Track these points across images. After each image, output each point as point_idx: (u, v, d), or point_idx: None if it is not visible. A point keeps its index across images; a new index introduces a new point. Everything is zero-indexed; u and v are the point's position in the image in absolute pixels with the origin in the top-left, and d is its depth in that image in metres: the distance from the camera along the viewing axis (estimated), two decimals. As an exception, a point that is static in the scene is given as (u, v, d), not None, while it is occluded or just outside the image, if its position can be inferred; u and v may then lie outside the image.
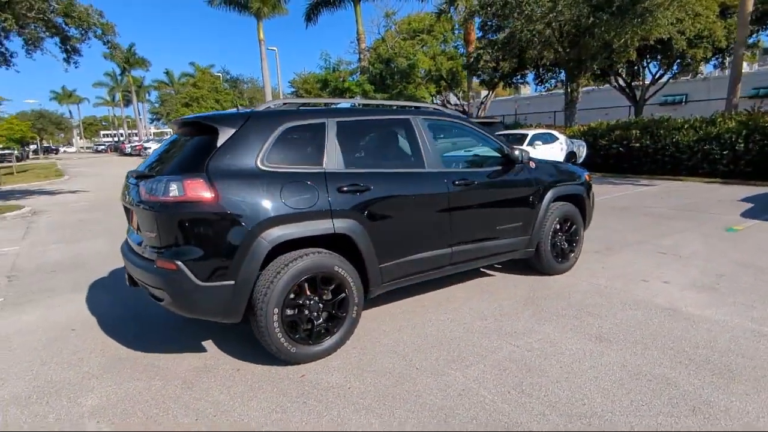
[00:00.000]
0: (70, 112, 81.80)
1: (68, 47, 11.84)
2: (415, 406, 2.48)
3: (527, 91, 41.29)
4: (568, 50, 15.51)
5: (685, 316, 3.48)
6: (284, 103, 3.29)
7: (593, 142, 14.03)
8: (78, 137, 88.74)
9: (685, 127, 12.12)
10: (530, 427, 2.27)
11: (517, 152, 4.02)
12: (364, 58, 25.49)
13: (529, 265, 4.61)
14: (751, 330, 3.20)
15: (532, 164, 4.27)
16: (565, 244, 4.59)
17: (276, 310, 2.79)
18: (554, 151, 12.64)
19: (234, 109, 3.26)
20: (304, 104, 3.38)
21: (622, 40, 13.84)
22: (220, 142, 2.80)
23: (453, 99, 29.16)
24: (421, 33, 25.02)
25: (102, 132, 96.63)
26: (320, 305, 3.03)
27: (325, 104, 3.61)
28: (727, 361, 2.81)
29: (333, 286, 3.05)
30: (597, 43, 13.85)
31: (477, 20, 17.75)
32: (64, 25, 11.14)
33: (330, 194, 2.99)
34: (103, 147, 67.27)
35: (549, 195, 4.31)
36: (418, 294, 4.14)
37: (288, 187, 2.87)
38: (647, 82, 22.52)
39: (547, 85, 24.20)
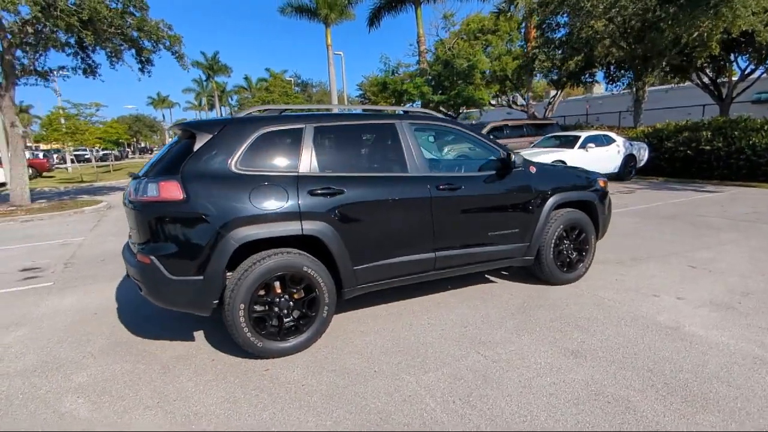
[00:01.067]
0: (163, 115, 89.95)
1: (142, 58, 13.03)
2: (356, 408, 2.52)
3: (600, 90, 39.00)
4: (633, 46, 14.49)
5: (684, 335, 3.19)
6: (265, 110, 3.46)
7: (658, 144, 13.00)
8: (170, 138, 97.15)
9: (765, 128, 10.87)
10: (458, 438, 2.24)
11: (513, 157, 3.89)
12: (423, 60, 25.48)
13: (532, 273, 4.43)
14: (753, 356, 2.87)
15: (533, 169, 4.11)
16: (573, 253, 4.36)
17: (242, 306, 2.96)
18: (610, 155, 11.89)
19: (233, 115, 3.47)
20: (285, 110, 3.52)
21: (695, 34, 12.69)
22: (197, 146, 3.02)
23: (520, 100, 28.27)
24: (486, 33, 24.52)
25: None
26: (290, 303, 3.16)
27: (309, 110, 3.73)
28: (708, 388, 2.55)
29: (303, 286, 3.16)
30: (665, 38, 12.79)
31: (537, 19, 17.07)
32: (138, 39, 12.26)
33: (300, 197, 3.11)
34: None
35: (551, 201, 4.12)
36: (410, 297, 4.15)
37: (258, 189, 3.03)
38: (735, 78, 20.37)
39: (619, 84, 22.73)
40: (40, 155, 30.96)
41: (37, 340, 3.63)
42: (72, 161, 33.35)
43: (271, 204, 3.03)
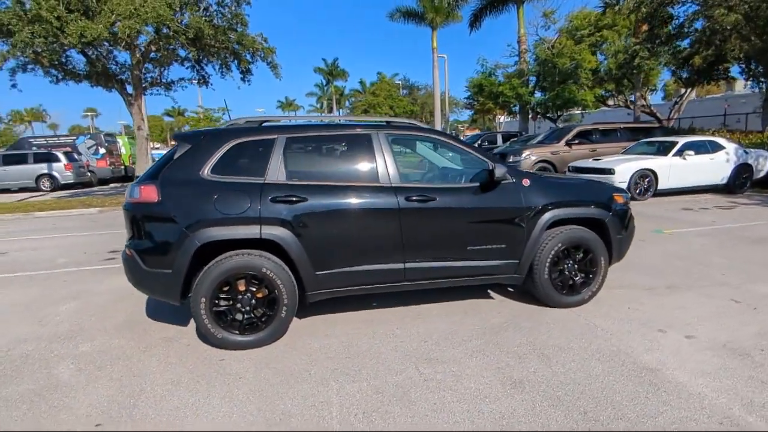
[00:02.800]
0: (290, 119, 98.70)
1: (243, 69, 14.51)
2: (266, 406, 2.67)
3: (741, 87, 33.55)
4: (765, 38, 12.35)
5: (659, 380, 2.77)
6: (246, 121, 3.74)
7: (787, 152, 10.92)
8: None
9: None
10: (333, 449, 2.27)
11: (500, 169, 3.68)
12: (523, 60, 24.39)
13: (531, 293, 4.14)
14: (725, 416, 2.41)
15: (526, 181, 3.84)
16: (577, 275, 3.98)
17: (204, 299, 3.27)
18: (716, 164, 10.30)
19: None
20: (265, 121, 3.78)
21: None
22: (177, 155, 3.41)
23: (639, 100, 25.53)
24: (601, 29, 22.63)
25: None
26: (252, 301, 3.41)
27: (290, 120, 3.93)
28: (637, 442, 2.22)
29: (264, 286, 3.38)
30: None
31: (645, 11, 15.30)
32: (239, 51, 13.69)
33: (262, 203, 3.33)
34: None
35: (547, 216, 3.82)
36: (395, 305, 4.15)
37: (224, 195, 3.32)
38: None
39: (762, 82, 19.39)
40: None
41: (79, 312, 4.37)
42: None
43: (234, 209, 3.31)
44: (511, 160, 12.86)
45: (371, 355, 3.25)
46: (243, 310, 3.38)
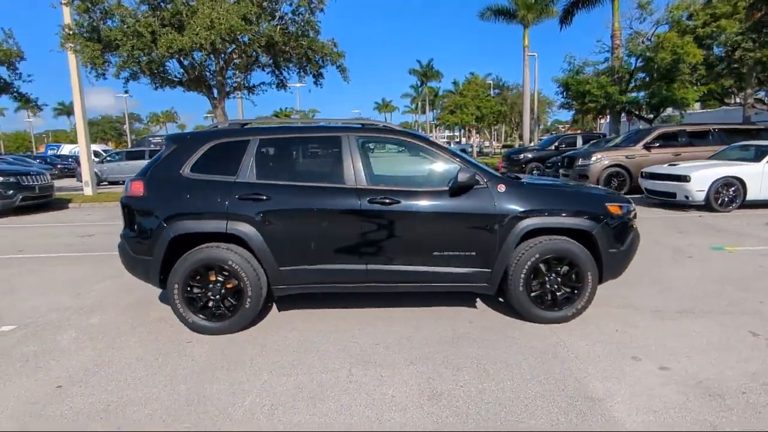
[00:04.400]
0: (385, 118, 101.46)
1: (314, 73, 15.27)
2: (194, 387, 2.88)
3: None
4: None
5: (591, 412, 2.50)
6: (229, 124, 4.00)
7: None
8: None
9: None
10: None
11: (464, 173, 3.51)
12: (617, 56, 22.47)
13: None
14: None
15: (501, 187, 3.63)
16: (560, 290, 3.68)
17: (177, 286, 3.60)
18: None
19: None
20: (246, 124, 4.01)
21: None
22: (164, 154, 3.79)
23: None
24: (717, 18, 20.09)
25: None
26: (221, 291, 3.67)
27: (278, 123, 4.10)
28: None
29: (232, 278, 3.63)
30: None
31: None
32: (311, 57, 14.42)
33: (230, 200, 3.58)
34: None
35: (523, 225, 3.58)
36: (376, 306, 4.17)
37: (196, 191, 3.62)
38: None
39: None
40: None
41: (109, 289, 5.01)
42: None
43: (204, 205, 3.59)
44: (579, 163, 12.00)
45: (317, 352, 3.33)
46: (213, 298, 3.66)
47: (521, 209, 3.60)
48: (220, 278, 3.64)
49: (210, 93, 15.31)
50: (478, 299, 4.32)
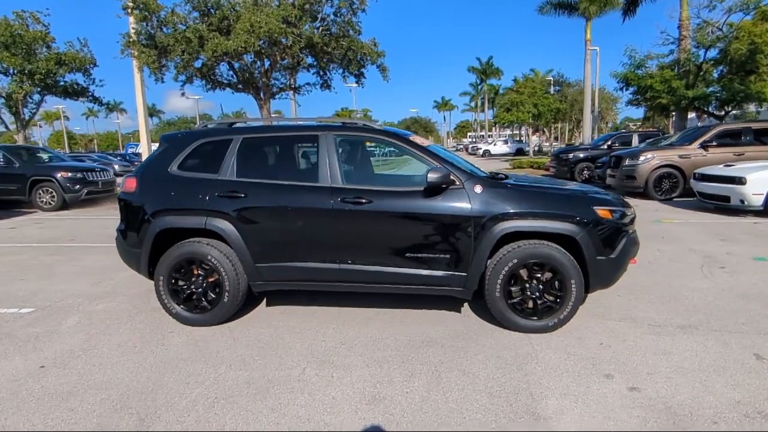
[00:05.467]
0: (444, 117, 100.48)
1: (356, 72, 15.44)
2: (154, 376, 3.01)
3: None
4: None
5: (528, 429, 2.33)
6: (217, 123, 4.13)
7: None
8: (448, 138, 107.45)
9: None
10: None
11: (433, 173, 3.37)
12: (685, 48, 20.76)
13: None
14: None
15: (478, 188, 3.47)
16: (541, 297, 3.46)
17: (162, 278, 3.79)
18: None
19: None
20: (233, 123, 4.12)
21: None
22: (156, 153, 3.99)
23: None
24: None
25: (469, 134, 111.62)
26: (204, 285, 3.81)
27: (268, 123, 4.16)
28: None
29: (213, 272, 3.75)
30: None
31: None
32: (352, 57, 14.60)
33: (210, 197, 3.70)
34: (461, 146, 78.02)
35: (499, 228, 3.40)
36: (364, 306, 4.14)
37: (180, 188, 3.78)
38: None
39: None
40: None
41: (127, 279, 5.34)
42: None
43: (187, 202, 3.75)
44: (626, 163, 11.22)
45: (283, 349, 3.37)
46: (195, 291, 3.80)
47: (498, 212, 3.42)
48: (201, 272, 3.78)
49: (258, 94, 15.93)
50: (466, 304, 4.16)
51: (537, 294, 3.47)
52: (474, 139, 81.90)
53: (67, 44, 18.08)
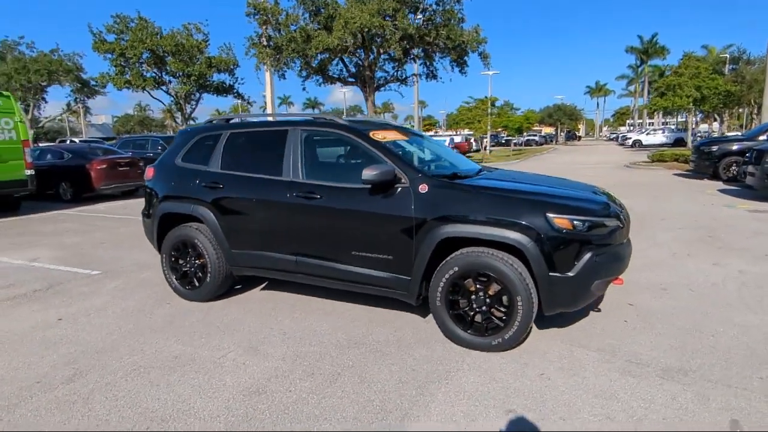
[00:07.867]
0: (597, 104, 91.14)
1: (458, 61, 15.04)
2: (121, 341, 3.50)
3: None
4: None
5: (365, 452, 2.16)
6: (218, 119, 4.47)
7: None
8: (601, 126, 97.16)
9: None
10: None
11: (368, 171, 3.20)
12: None
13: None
14: None
15: (424, 187, 3.20)
16: (486, 312, 3.09)
17: (164, 255, 4.34)
18: None
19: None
20: (229, 119, 4.42)
21: None
22: (170, 146, 4.53)
23: None
24: None
25: (628, 121, 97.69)
26: (195, 264, 4.26)
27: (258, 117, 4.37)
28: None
29: (200, 254, 4.17)
30: None
31: None
32: (448, 46, 14.26)
33: (197, 187, 4.10)
34: (614, 136, 69.93)
35: (439, 232, 3.11)
36: (332, 299, 4.20)
37: (179, 177, 4.25)
38: None
39: None
40: (457, 139, 36.53)
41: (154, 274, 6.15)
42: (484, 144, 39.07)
43: (182, 190, 4.20)
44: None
45: (231, 332, 3.59)
46: (188, 270, 4.27)
47: (439, 214, 3.13)
48: (193, 253, 4.22)
49: (364, 87, 16.55)
50: (440, 310, 3.89)
51: (483, 308, 3.10)
52: (630, 128, 72.30)
53: (219, 49, 21.08)
